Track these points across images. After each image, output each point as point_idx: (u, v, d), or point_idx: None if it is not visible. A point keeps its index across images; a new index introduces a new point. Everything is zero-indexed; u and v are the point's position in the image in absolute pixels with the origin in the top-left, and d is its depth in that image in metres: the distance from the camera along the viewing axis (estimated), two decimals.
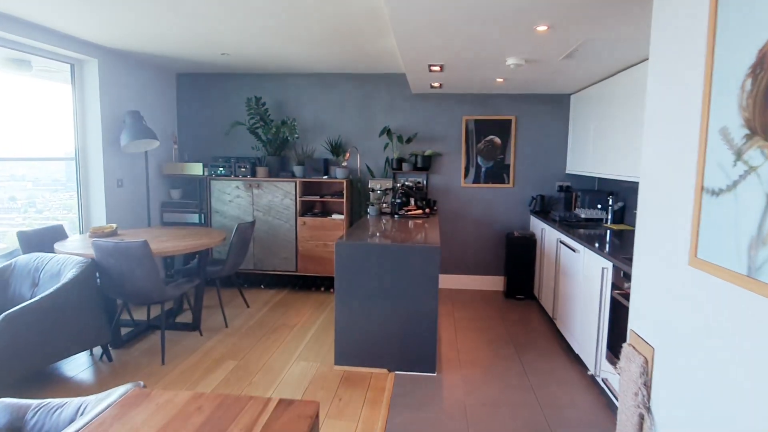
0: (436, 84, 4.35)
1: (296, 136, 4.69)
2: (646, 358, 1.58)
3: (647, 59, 2.98)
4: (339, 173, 4.64)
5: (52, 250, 3.26)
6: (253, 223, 3.94)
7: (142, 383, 1.48)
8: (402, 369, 3.02)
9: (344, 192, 4.61)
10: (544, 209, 4.71)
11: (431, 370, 2.99)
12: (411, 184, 4.75)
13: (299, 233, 4.60)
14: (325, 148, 4.97)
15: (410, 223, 3.89)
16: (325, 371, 3.01)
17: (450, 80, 4.12)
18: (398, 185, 4.69)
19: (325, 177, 4.71)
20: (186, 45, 3.80)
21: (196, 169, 4.70)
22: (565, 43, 2.78)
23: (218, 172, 4.67)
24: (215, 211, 4.70)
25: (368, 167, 4.92)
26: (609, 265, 2.66)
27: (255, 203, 4.65)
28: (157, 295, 3.05)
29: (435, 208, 4.69)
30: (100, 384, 2.80)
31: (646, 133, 1.81)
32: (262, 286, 4.82)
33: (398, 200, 4.32)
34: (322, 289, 4.77)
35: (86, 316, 2.83)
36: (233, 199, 4.67)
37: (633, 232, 3.52)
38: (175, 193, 4.89)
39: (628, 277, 2.40)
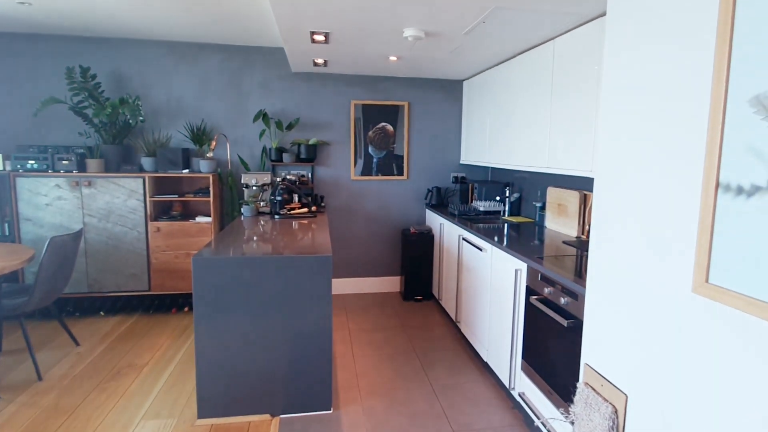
0: (320, 61, 3.72)
1: (141, 119, 3.68)
2: (615, 407, 1.20)
3: (553, 38, 2.73)
4: (204, 166, 3.77)
5: None
6: (79, 233, 2.91)
7: None
8: (289, 411, 2.38)
9: (211, 189, 3.75)
10: (441, 202, 4.41)
11: (326, 407, 2.41)
12: (294, 177, 4.07)
13: (151, 242, 3.63)
14: (184, 135, 4.03)
15: (294, 224, 3.24)
16: (184, 430, 2.23)
17: (337, 56, 3.53)
18: (278, 180, 3.98)
19: (186, 171, 3.80)
20: None
21: None
22: (471, 12, 2.37)
23: (28, 166, 3.45)
24: (25, 218, 3.48)
25: (241, 158, 4.12)
26: (523, 266, 2.34)
27: (86, 206, 3.54)
28: None
29: (323, 204, 4.09)
30: None
31: (603, 114, 1.44)
32: (102, 313, 3.73)
33: (278, 197, 3.62)
34: (186, 309, 3.86)
35: None
36: (52, 202, 3.50)
37: (534, 225, 3.34)
38: None
39: (547, 280, 2.08)
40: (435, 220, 4.13)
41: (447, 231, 3.74)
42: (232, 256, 2.27)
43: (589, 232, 2.57)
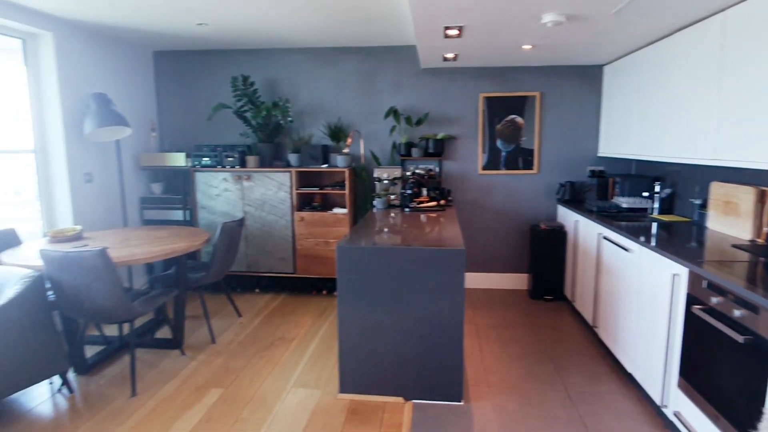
0: (450, 55, 3.75)
1: (290, 119, 4.12)
2: None
3: (723, 9, 2.37)
4: (340, 161, 4.08)
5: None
6: (241, 221, 3.39)
7: None
8: (422, 397, 2.49)
9: (346, 182, 4.04)
10: (574, 198, 4.13)
11: (457, 398, 2.47)
12: (422, 171, 4.17)
13: (297, 230, 4.06)
14: (323, 132, 4.39)
15: (424, 217, 3.34)
16: (327, 402, 2.48)
17: (467, 49, 3.52)
18: (408, 174, 4.12)
19: (325, 166, 4.15)
20: (155, 12, 3.21)
21: (179, 159, 4.14)
22: None
23: (203, 162, 4.11)
24: (201, 206, 4.15)
25: (373, 154, 4.35)
26: (683, 270, 2.10)
27: (245, 197, 4.10)
28: (122, 312, 2.52)
29: (450, 198, 4.12)
30: (55, 423, 2.29)
31: None
32: (257, 291, 4.29)
33: (409, 191, 3.76)
34: (324, 292, 4.24)
35: (37, 341, 2.31)
36: (221, 193, 4.12)
37: (691, 225, 2.95)
38: (156, 187, 4.34)
39: (715, 288, 1.84)
40: (568, 217, 3.89)
41: (583, 228, 3.50)
42: (371, 245, 2.44)
43: None
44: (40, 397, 2.54)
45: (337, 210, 4.05)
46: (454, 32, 3.02)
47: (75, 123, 3.53)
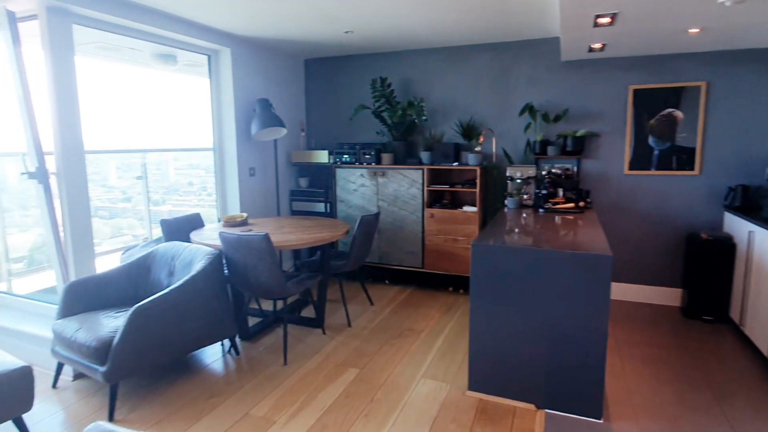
0: (597, 45, 3.48)
1: (424, 118, 4.24)
2: None
3: None
4: (471, 159, 4.07)
5: (188, 239, 3.33)
6: (377, 215, 3.61)
7: None
8: (555, 407, 2.40)
9: (477, 181, 4.03)
10: (749, 204, 3.54)
11: (596, 414, 2.32)
12: (559, 171, 3.96)
13: (426, 226, 4.17)
14: (455, 131, 4.43)
15: (560, 219, 3.18)
16: (456, 397, 2.54)
17: (618, 38, 3.23)
18: (543, 173, 3.95)
19: (456, 164, 4.19)
20: (310, 24, 3.57)
21: (323, 156, 4.56)
22: None
23: (343, 159, 4.45)
24: (340, 200, 4.51)
25: (505, 152, 4.26)
26: None
27: (380, 192, 4.34)
28: (278, 291, 2.89)
29: (589, 200, 3.85)
30: (226, 378, 2.73)
31: None
32: (387, 282, 4.52)
33: (544, 191, 3.60)
34: (451, 289, 4.29)
35: (214, 308, 2.78)
36: (358, 188, 4.42)
37: None
38: (303, 181, 4.84)
39: None
40: (740, 226, 3.35)
41: (762, 241, 2.99)
42: (508, 245, 2.42)
43: None
44: (214, 356, 3.04)
45: (467, 208, 4.06)
46: (605, 20, 2.81)
47: (244, 125, 4.12)
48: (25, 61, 2.68)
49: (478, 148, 4.10)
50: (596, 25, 2.90)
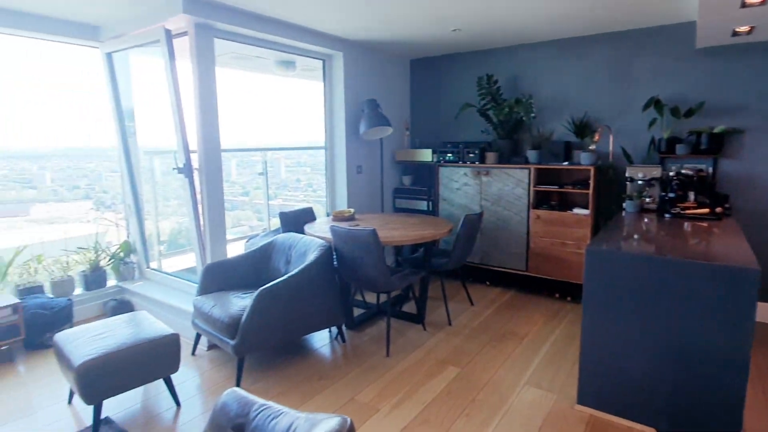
0: (744, 29, 3.06)
1: (533, 115, 4.07)
2: None
3: None
4: (584, 158, 3.82)
5: (303, 230, 3.60)
6: (480, 214, 3.57)
7: (349, 420, 1.27)
8: None
9: (590, 181, 3.77)
10: None
11: None
12: (690, 172, 3.54)
13: (532, 228, 4.02)
14: (566, 128, 4.19)
15: (691, 226, 2.85)
16: (563, 410, 2.42)
17: None
18: (670, 174, 3.57)
19: (566, 163, 3.96)
20: (418, 25, 3.64)
21: (426, 155, 4.61)
22: None
23: (446, 158, 4.46)
24: (442, 198, 4.53)
25: (624, 151, 3.92)
26: None
27: (483, 192, 4.27)
28: (383, 284, 3.00)
29: (727, 206, 3.39)
30: (333, 363, 2.91)
31: None
32: (487, 283, 4.44)
33: (671, 194, 3.26)
34: (557, 295, 4.08)
35: (324, 296, 2.98)
36: (461, 187, 4.40)
37: None
38: (406, 179, 4.95)
39: None
40: None
41: None
42: (629, 252, 2.24)
43: None
44: (323, 341, 3.26)
45: (577, 210, 3.83)
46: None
47: (353, 125, 4.33)
48: (177, 72, 3.11)
49: (592, 147, 3.84)
50: (744, 5, 2.55)
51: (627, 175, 3.58)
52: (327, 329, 3.39)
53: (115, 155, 3.96)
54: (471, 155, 4.33)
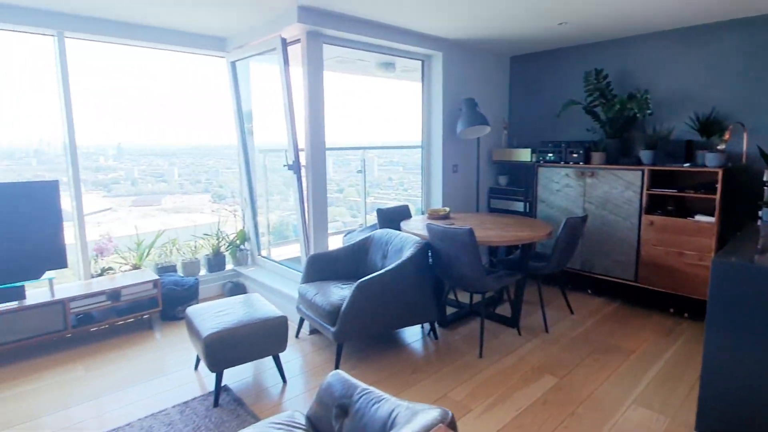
0: None
1: (649, 112, 3.74)
2: None
3: None
4: (711, 160, 3.42)
5: (399, 227, 3.70)
6: (584, 218, 3.37)
7: (450, 413, 1.29)
8: None
9: (718, 186, 3.36)
10: None
11: None
12: None
13: (643, 235, 3.69)
14: (689, 126, 3.78)
15: None
16: None
17: None
18: None
19: (687, 165, 3.58)
20: (522, 20, 3.52)
21: (524, 155, 4.46)
22: None
23: (547, 158, 4.27)
24: (541, 200, 4.35)
25: (761, 151, 3.43)
26: None
27: (587, 194, 4.02)
28: (478, 284, 2.98)
29: None
30: (426, 359, 2.96)
31: None
32: (589, 291, 4.17)
33: None
34: (671, 311, 3.70)
35: (419, 292, 3.03)
36: (561, 189, 4.19)
37: None
38: (502, 179, 4.83)
39: None
40: None
41: None
42: (765, 266, 1.97)
43: None
44: (415, 336, 3.32)
45: (699, 217, 3.44)
46: None
47: (450, 124, 4.33)
48: (290, 76, 3.37)
49: (721, 146, 3.42)
50: None
51: (765, 179, 3.14)
52: (419, 325, 3.44)
53: (229, 153, 4.40)
54: (575, 155, 4.09)
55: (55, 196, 2.97)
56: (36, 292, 3.06)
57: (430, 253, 3.17)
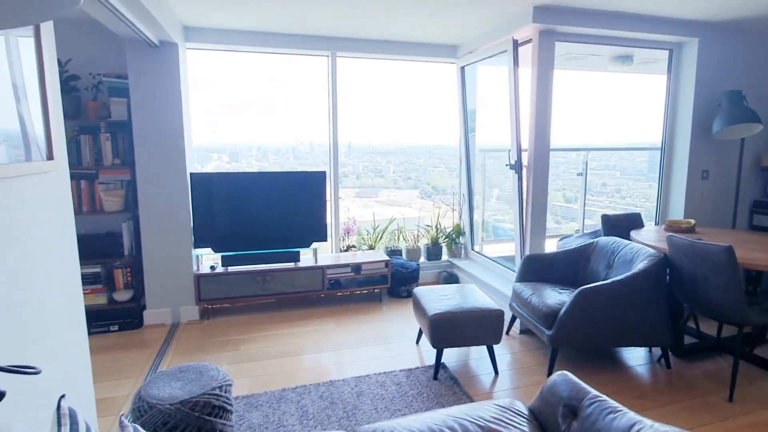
0: None
1: None
2: None
3: None
4: None
5: (626, 236, 3.36)
6: None
7: None
8: None
9: None
10: None
11: None
12: None
13: None
14: None
15: None
16: None
17: None
18: None
19: None
20: None
21: None
22: None
23: None
24: None
25: None
26: None
27: None
28: (733, 314, 2.48)
29: None
30: (655, 386, 2.63)
31: None
32: None
33: None
34: None
35: (650, 311, 2.71)
36: None
37: None
38: None
39: None
40: None
41: None
42: None
43: None
44: (640, 359, 2.97)
45: None
46: None
47: (702, 122, 3.69)
48: (519, 77, 3.42)
49: None
50: None
51: None
52: (647, 348, 3.07)
53: (438, 152, 4.70)
54: None
55: (322, 184, 3.76)
56: (304, 258, 3.91)
57: (668, 270, 2.80)
